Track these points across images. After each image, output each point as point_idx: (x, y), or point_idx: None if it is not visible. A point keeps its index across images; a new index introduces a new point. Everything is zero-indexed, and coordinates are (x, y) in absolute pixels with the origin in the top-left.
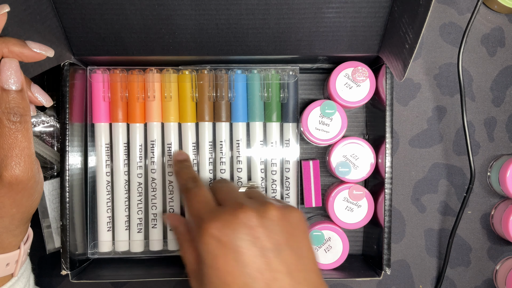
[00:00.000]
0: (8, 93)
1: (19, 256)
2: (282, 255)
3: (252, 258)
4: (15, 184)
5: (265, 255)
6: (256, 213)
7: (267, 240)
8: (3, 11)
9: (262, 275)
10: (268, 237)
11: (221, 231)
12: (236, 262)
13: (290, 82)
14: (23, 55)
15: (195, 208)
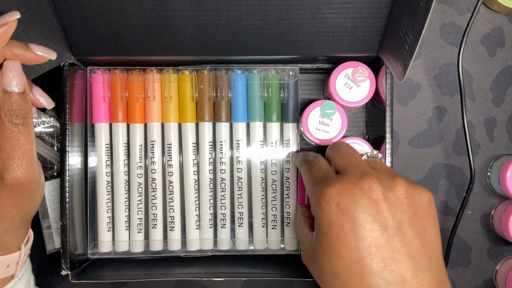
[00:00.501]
0: (10, 95)
1: (20, 258)
2: (405, 236)
3: (371, 232)
4: (17, 186)
5: (386, 232)
6: (381, 185)
7: (390, 217)
8: (13, 18)
9: (381, 253)
10: (392, 214)
11: (341, 197)
12: (352, 233)
13: (290, 82)
14: (26, 58)
15: (315, 177)
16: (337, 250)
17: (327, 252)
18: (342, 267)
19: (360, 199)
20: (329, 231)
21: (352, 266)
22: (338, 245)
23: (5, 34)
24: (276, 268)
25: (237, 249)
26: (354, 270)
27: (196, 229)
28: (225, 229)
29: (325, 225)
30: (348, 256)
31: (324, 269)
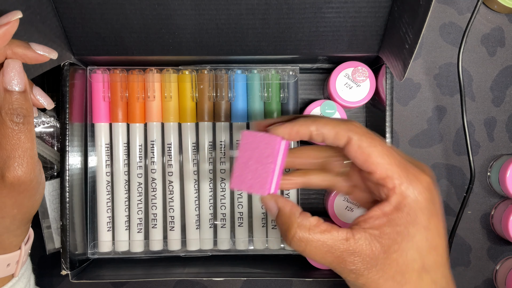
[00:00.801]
0: (11, 94)
1: (20, 257)
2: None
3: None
4: (17, 185)
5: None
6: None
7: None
8: (15, 17)
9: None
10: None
11: (435, 186)
12: (443, 223)
13: (290, 82)
14: (27, 57)
15: (398, 160)
16: (434, 243)
17: (423, 246)
18: (434, 261)
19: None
20: (429, 223)
21: (442, 257)
22: (436, 237)
23: (7, 34)
24: (276, 268)
25: (237, 249)
26: (442, 261)
27: (196, 229)
28: (225, 229)
29: (426, 216)
30: (441, 247)
31: (412, 267)
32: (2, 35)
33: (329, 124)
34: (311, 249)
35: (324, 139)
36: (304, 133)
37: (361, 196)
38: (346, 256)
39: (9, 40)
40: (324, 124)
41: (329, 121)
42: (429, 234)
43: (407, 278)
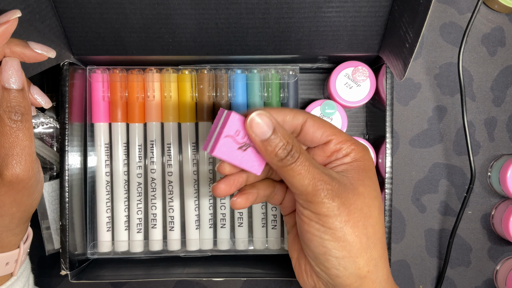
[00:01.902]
0: (9, 92)
1: (19, 255)
2: None
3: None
4: (16, 183)
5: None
6: None
7: None
8: (14, 16)
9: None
10: None
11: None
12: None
13: (290, 82)
14: (25, 56)
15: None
16: (379, 191)
17: (377, 189)
18: (381, 204)
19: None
20: (374, 176)
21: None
22: (378, 187)
23: (6, 33)
24: (276, 268)
25: (237, 249)
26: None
27: (195, 229)
28: (225, 229)
29: (373, 170)
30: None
31: (374, 204)
32: (1, 34)
33: (287, 109)
34: (300, 163)
35: (282, 119)
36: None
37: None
38: (326, 178)
39: (8, 39)
40: (284, 109)
41: (288, 109)
42: (376, 183)
43: (372, 212)
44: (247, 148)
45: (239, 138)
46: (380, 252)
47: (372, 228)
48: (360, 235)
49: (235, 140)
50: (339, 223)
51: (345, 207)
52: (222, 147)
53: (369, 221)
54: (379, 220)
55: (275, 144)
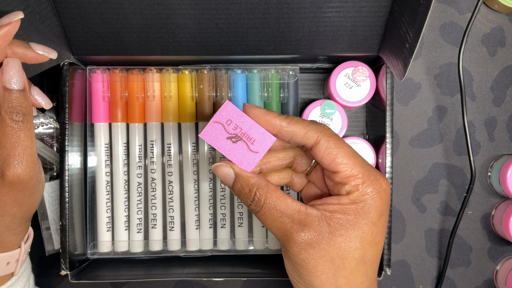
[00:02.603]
0: (10, 93)
1: (20, 255)
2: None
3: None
4: (17, 183)
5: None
6: None
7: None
8: (17, 18)
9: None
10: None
11: (389, 190)
12: (386, 225)
13: (290, 82)
14: (26, 57)
15: (359, 158)
16: (376, 238)
17: (367, 239)
18: (373, 255)
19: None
20: (378, 221)
21: (379, 253)
22: (379, 234)
23: (8, 34)
24: (276, 268)
25: (237, 249)
26: (378, 257)
27: (195, 229)
28: (225, 229)
29: (378, 214)
30: (381, 244)
31: (352, 255)
32: (4, 36)
33: (300, 123)
34: (265, 211)
35: (292, 136)
36: (274, 124)
37: (312, 191)
38: (295, 226)
39: (10, 40)
40: (296, 122)
41: (300, 120)
42: (375, 230)
43: (345, 264)
44: (238, 141)
45: (229, 128)
46: None
47: (345, 279)
48: (328, 285)
49: (225, 128)
50: (306, 271)
51: (311, 258)
52: (210, 131)
53: (341, 273)
54: (355, 272)
55: (239, 192)
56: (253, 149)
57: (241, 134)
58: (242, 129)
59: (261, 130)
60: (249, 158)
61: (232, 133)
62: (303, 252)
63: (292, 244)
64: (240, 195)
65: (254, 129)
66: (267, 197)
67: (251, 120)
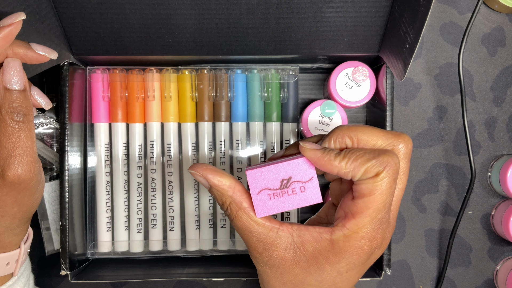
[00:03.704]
0: (11, 93)
1: (19, 255)
2: None
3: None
4: (18, 183)
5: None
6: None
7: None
8: (19, 19)
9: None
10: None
11: (383, 248)
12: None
13: (290, 82)
14: (27, 57)
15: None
16: (338, 285)
17: (326, 283)
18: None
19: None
20: (346, 273)
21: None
22: (343, 283)
23: (10, 35)
24: None
25: (237, 249)
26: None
27: (195, 229)
28: (225, 229)
29: (348, 267)
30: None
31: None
32: (5, 36)
33: (360, 157)
34: (235, 224)
35: (346, 175)
36: (334, 167)
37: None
38: (259, 244)
39: (12, 41)
40: (355, 159)
41: (359, 154)
42: (337, 279)
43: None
44: (289, 184)
45: (273, 185)
46: None
47: None
48: None
49: (270, 189)
50: (261, 279)
51: (265, 274)
52: (260, 204)
53: None
54: None
55: (214, 197)
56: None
57: (287, 179)
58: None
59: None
60: (310, 191)
61: (277, 187)
62: (260, 266)
63: (252, 257)
64: (216, 200)
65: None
66: (237, 215)
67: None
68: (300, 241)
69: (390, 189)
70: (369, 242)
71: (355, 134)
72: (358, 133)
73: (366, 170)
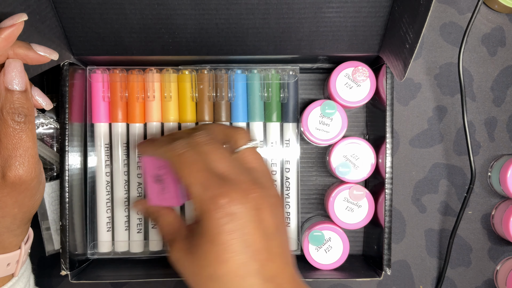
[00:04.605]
0: (12, 94)
1: (20, 256)
2: (279, 237)
3: (256, 238)
4: (18, 184)
5: (268, 237)
6: (266, 196)
7: (271, 222)
8: (20, 20)
9: (261, 255)
10: (272, 219)
11: (232, 208)
12: (241, 241)
13: (290, 82)
14: (28, 58)
15: (201, 176)
16: (222, 256)
17: (210, 257)
18: (225, 272)
19: (250, 210)
20: (216, 239)
21: (236, 270)
22: (224, 252)
23: (12, 36)
24: None
25: None
26: (237, 273)
27: None
28: None
29: (213, 233)
30: (233, 261)
31: (202, 273)
32: (7, 37)
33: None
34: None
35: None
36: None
37: None
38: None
39: (13, 42)
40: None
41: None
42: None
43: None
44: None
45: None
46: None
47: None
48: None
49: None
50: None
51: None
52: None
53: None
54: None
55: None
56: (161, 196)
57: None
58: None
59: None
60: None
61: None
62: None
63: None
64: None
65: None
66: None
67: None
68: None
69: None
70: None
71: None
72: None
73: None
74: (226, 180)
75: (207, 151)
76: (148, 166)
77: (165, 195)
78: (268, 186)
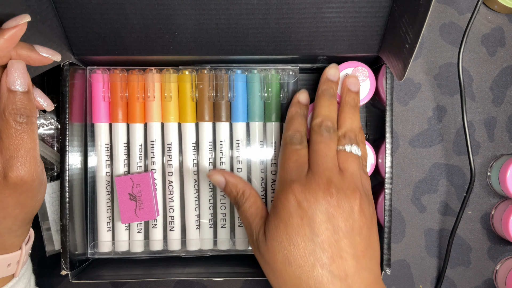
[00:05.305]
0: (15, 94)
1: (21, 257)
2: (354, 239)
3: (324, 230)
4: (20, 185)
5: (337, 233)
6: (341, 195)
7: (343, 222)
8: (23, 21)
9: (331, 248)
10: (344, 220)
11: (305, 196)
12: (309, 227)
13: (290, 82)
14: (31, 59)
15: (290, 167)
16: (291, 238)
17: (283, 239)
18: (296, 256)
19: (321, 201)
20: (289, 220)
21: (305, 256)
22: (294, 233)
23: (15, 37)
24: None
25: (237, 249)
26: (306, 260)
27: (196, 229)
28: (225, 229)
29: (286, 214)
30: (301, 246)
31: (276, 257)
32: (10, 38)
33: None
34: (241, 211)
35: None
36: None
37: None
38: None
39: (16, 43)
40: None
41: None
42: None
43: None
44: (132, 201)
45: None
46: None
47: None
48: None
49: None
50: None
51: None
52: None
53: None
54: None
55: (229, 193)
56: (137, 213)
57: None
58: (142, 194)
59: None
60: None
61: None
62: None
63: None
64: (230, 196)
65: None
66: (244, 202)
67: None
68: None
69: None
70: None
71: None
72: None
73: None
74: (310, 171)
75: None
76: (121, 186)
77: (142, 210)
78: (351, 194)
